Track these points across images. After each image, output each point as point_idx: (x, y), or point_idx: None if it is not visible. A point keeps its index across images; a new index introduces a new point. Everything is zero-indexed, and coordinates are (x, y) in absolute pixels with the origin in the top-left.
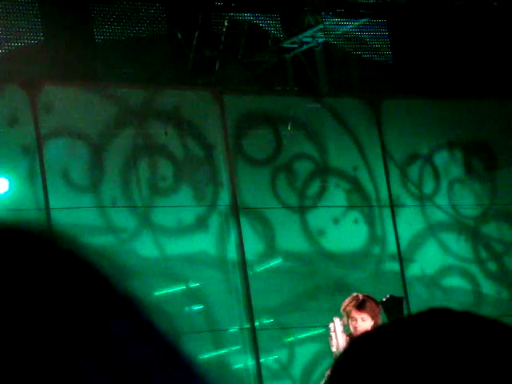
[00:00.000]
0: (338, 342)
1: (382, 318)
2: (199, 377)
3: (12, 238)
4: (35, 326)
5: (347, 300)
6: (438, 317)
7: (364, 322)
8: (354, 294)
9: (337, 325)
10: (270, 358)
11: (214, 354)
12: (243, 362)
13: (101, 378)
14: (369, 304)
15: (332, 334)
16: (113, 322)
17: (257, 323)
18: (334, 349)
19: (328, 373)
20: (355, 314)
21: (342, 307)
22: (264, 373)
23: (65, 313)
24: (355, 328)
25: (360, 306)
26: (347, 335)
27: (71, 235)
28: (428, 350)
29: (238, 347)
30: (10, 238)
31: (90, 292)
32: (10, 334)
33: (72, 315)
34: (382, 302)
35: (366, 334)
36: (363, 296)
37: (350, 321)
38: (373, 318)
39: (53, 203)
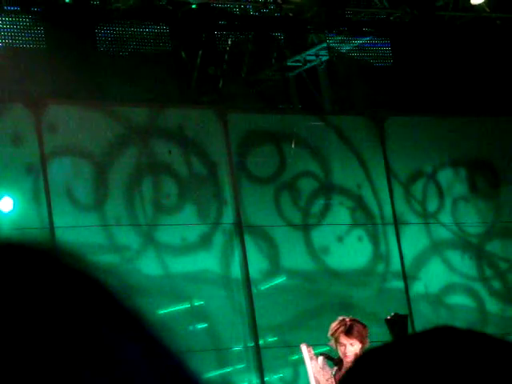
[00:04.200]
0: (308, 369)
1: (369, 341)
2: None
3: (17, 255)
4: (40, 340)
5: (334, 325)
6: (443, 335)
7: (353, 347)
8: (341, 318)
9: (304, 352)
10: (275, 376)
11: (218, 372)
12: (248, 381)
13: None
14: (356, 328)
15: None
16: (117, 337)
17: (261, 341)
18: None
19: None
20: (344, 339)
21: (330, 332)
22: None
23: (69, 328)
24: (344, 354)
25: (348, 332)
26: (335, 360)
27: (75, 251)
28: (433, 368)
29: (242, 366)
30: (14, 254)
31: (94, 307)
32: (15, 347)
33: (76, 330)
34: (387, 320)
35: (371, 351)
36: (350, 320)
37: (338, 346)
38: (361, 341)
39: (57, 222)
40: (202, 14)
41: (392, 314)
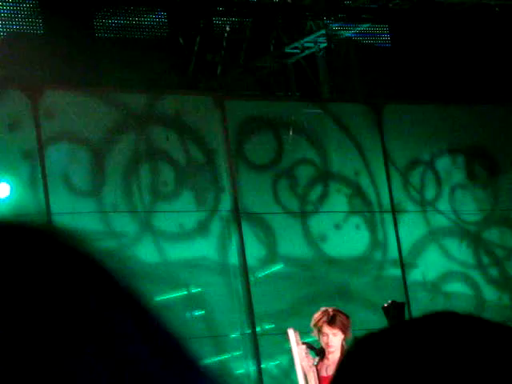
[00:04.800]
0: (293, 353)
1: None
2: (202, 376)
3: (15, 236)
4: (41, 319)
5: (317, 315)
6: (445, 320)
7: (335, 337)
8: (324, 309)
9: (291, 337)
10: (272, 363)
11: (215, 359)
12: (244, 368)
13: (102, 373)
14: (339, 318)
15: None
16: (115, 318)
17: (258, 328)
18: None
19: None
20: (326, 329)
21: (313, 322)
22: (265, 378)
23: (68, 309)
24: (326, 344)
25: (331, 322)
26: (317, 350)
27: (72, 233)
28: (435, 352)
29: (239, 353)
30: (13, 236)
31: (93, 288)
32: (15, 332)
33: (75, 312)
34: (384, 308)
35: (371, 335)
36: (333, 311)
37: (321, 336)
38: (344, 332)
39: (54, 208)
40: (200, 0)
41: (389, 301)
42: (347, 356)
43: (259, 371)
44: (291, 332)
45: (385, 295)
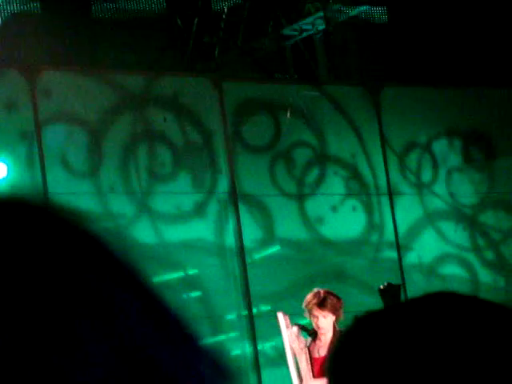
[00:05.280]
0: (283, 336)
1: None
2: (199, 349)
3: (12, 213)
4: (39, 293)
5: (309, 297)
6: (445, 300)
7: (325, 319)
8: (316, 291)
9: (280, 320)
10: (268, 344)
11: (212, 340)
12: (241, 349)
13: (101, 347)
14: (330, 301)
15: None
16: (114, 291)
17: (254, 310)
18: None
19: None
20: (317, 311)
21: (304, 304)
22: (261, 359)
23: (66, 281)
24: (317, 325)
25: (321, 304)
26: (310, 331)
27: (70, 211)
28: (435, 332)
29: (235, 334)
30: (9, 213)
31: (92, 260)
32: (13, 309)
33: (74, 283)
34: (380, 290)
35: (371, 314)
36: (324, 293)
37: (312, 318)
38: (334, 313)
39: (51, 188)
40: None
41: (385, 283)
42: (347, 335)
43: (255, 352)
44: (280, 315)
45: (381, 277)
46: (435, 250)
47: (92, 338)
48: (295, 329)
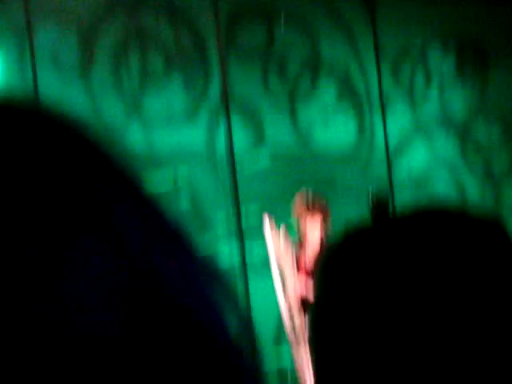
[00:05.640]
0: (267, 239)
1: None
2: (197, 256)
3: (1, 115)
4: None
5: (297, 203)
6: (432, 215)
7: (314, 227)
8: (304, 194)
9: (265, 222)
10: (255, 242)
11: (201, 243)
12: (228, 248)
13: (102, 256)
14: (318, 205)
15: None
16: (113, 199)
17: (243, 217)
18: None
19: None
20: (305, 218)
21: (292, 207)
22: (248, 258)
23: (63, 190)
24: (304, 229)
25: (309, 211)
26: (298, 234)
27: (62, 114)
28: (421, 248)
29: (223, 238)
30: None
31: (87, 166)
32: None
33: (70, 192)
34: (368, 201)
35: (356, 230)
36: (313, 200)
37: (299, 221)
38: (322, 217)
39: (42, 89)
40: None
41: (374, 194)
42: (331, 251)
43: (243, 252)
44: (265, 218)
45: (370, 189)
46: (425, 161)
47: (91, 248)
48: (283, 230)
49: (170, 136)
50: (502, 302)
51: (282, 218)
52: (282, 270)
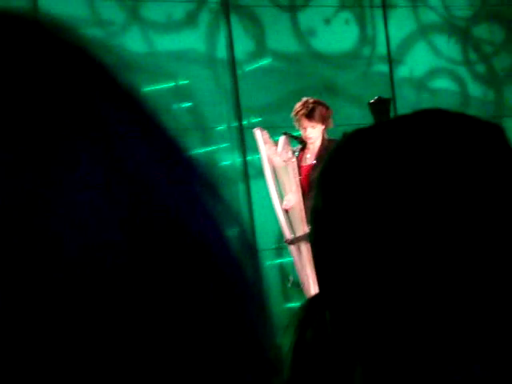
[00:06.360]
0: (261, 152)
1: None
2: (196, 171)
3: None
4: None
5: (297, 106)
6: (433, 116)
7: (314, 129)
8: (304, 100)
9: (257, 136)
10: (257, 156)
11: (202, 150)
12: (231, 159)
13: (96, 167)
14: (318, 111)
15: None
16: (110, 113)
17: (245, 121)
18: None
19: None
20: (305, 122)
21: (293, 113)
22: (250, 170)
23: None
24: (305, 135)
25: (309, 115)
26: (299, 138)
27: (60, 21)
28: (423, 148)
29: (225, 145)
30: None
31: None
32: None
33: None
34: (370, 104)
35: (360, 130)
36: (313, 102)
37: (300, 128)
38: (323, 123)
39: None
40: None
41: (376, 97)
42: (336, 151)
43: (245, 163)
44: (258, 132)
45: (372, 91)
46: (427, 64)
47: (87, 158)
48: (283, 138)
49: (169, 40)
50: (500, 203)
51: (283, 122)
52: (280, 179)
